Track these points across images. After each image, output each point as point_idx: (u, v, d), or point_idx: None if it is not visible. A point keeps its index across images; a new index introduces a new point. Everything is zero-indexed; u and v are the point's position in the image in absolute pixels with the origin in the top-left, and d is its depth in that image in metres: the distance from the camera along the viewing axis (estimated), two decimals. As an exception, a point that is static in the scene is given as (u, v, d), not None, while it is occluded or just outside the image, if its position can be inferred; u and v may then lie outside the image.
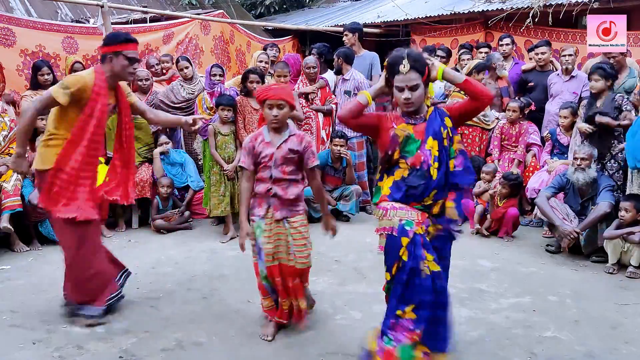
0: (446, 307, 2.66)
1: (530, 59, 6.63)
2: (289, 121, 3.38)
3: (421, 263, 2.59)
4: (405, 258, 2.61)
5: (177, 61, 6.12)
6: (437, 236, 2.69)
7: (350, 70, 6.14)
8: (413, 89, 2.60)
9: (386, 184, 2.72)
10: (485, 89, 2.73)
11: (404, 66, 2.57)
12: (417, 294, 2.59)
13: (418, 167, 2.65)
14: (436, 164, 2.63)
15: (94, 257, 3.40)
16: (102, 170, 3.64)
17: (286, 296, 3.25)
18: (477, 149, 6.16)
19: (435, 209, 2.67)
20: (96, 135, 3.32)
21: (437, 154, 2.64)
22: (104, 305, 3.44)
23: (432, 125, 2.67)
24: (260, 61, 6.20)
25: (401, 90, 2.61)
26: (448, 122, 2.70)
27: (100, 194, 3.44)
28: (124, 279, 3.66)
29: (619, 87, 5.39)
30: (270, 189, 3.14)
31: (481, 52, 6.80)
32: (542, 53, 6.30)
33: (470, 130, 6.10)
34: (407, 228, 2.61)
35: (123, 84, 3.56)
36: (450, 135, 2.69)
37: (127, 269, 3.70)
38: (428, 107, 2.72)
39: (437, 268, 2.62)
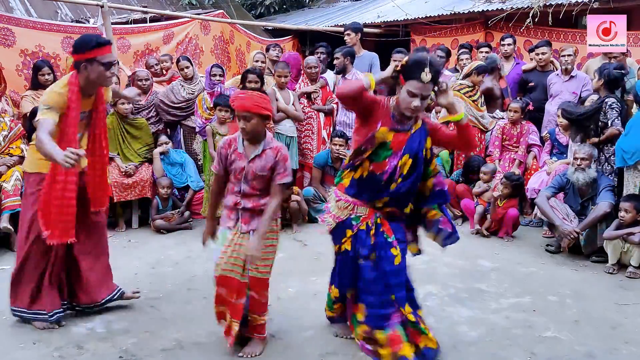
0: (386, 291, 2.83)
1: (531, 59, 6.63)
2: (268, 133, 3.02)
3: (361, 259, 2.83)
4: (348, 247, 2.85)
5: (178, 61, 6.13)
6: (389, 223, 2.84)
7: (352, 70, 6.15)
8: (424, 97, 2.59)
9: (347, 177, 2.85)
10: (475, 140, 2.86)
11: (426, 75, 2.52)
12: (355, 279, 2.91)
13: (377, 174, 2.72)
14: (399, 180, 2.71)
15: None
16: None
17: (232, 313, 3.02)
18: (476, 149, 6.16)
19: (387, 210, 2.80)
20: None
21: (405, 172, 2.70)
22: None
23: (414, 142, 2.69)
24: (257, 61, 6.17)
25: (413, 96, 2.58)
26: (428, 143, 2.76)
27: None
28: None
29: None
30: (239, 202, 2.93)
31: (482, 52, 6.79)
32: (543, 53, 6.30)
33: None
34: (353, 223, 2.82)
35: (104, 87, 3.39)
36: (429, 156, 2.78)
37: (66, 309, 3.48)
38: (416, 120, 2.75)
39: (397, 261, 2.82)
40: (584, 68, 6.35)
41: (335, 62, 6.32)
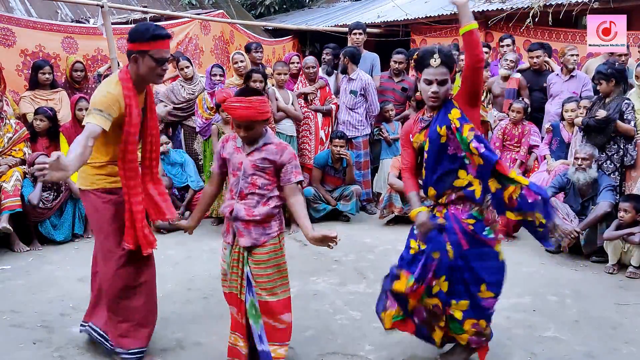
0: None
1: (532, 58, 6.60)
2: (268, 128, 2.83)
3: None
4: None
5: (178, 61, 6.12)
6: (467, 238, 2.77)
7: (356, 70, 6.14)
8: (441, 83, 2.65)
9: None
10: (480, 48, 2.67)
11: (435, 60, 2.63)
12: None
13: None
14: (424, 164, 2.80)
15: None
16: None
17: (235, 329, 2.85)
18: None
19: (442, 200, 2.79)
20: (133, 153, 2.82)
21: (426, 156, 2.76)
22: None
23: (433, 126, 2.73)
24: (235, 62, 5.80)
25: (429, 83, 2.66)
26: (453, 115, 2.65)
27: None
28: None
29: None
30: (232, 209, 2.70)
31: (486, 53, 6.75)
32: (537, 57, 6.27)
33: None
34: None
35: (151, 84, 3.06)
36: (457, 126, 2.63)
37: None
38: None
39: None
40: (584, 68, 6.34)
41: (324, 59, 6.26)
